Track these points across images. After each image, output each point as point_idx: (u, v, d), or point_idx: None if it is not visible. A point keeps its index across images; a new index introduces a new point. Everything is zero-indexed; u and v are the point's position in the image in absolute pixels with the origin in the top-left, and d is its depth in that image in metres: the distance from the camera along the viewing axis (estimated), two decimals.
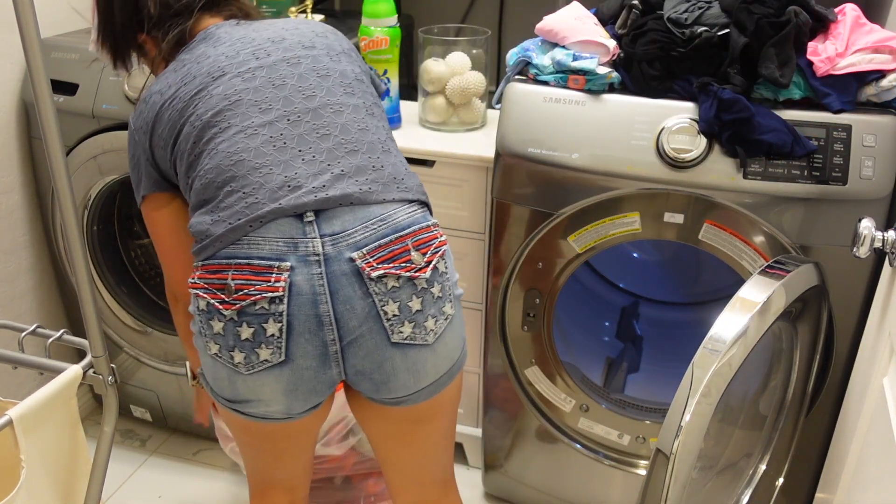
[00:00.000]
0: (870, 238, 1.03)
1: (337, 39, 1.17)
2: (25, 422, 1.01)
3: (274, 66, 1.05)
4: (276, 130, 1.01)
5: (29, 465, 1.02)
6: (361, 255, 0.97)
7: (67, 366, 1.11)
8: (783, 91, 1.34)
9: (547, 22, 1.49)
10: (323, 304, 0.96)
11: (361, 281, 0.97)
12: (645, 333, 1.94)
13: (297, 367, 0.99)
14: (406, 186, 1.05)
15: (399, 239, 1.00)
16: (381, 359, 1.01)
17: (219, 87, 1.04)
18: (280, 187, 0.97)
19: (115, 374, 1.14)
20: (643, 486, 1.09)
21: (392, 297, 0.98)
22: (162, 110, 1.06)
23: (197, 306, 1.00)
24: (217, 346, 0.99)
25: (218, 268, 0.98)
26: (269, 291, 0.95)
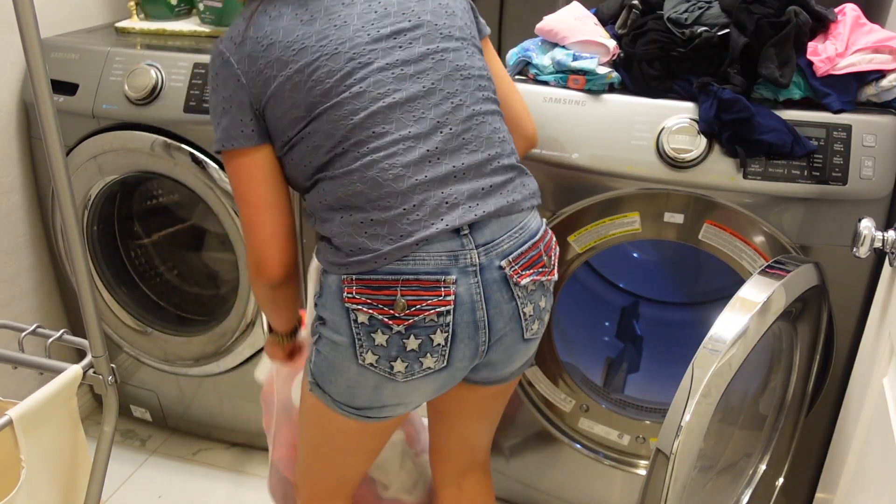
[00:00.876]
0: (870, 238, 1.03)
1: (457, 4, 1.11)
2: (25, 422, 1.01)
3: (420, 63, 1.02)
4: (432, 144, 1.01)
5: (29, 465, 1.02)
6: (508, 263, 1.04)
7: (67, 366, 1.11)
8: (783, 91, 1.34)
9: (547, 22, 1.49)
10: (479, 311, 1.03)
11: (508, 286, 1.04)
12: (645, 333, 1.94)
13: (454, 370, 1.06)
14: (532, 192, 1.11)
15: (534, 245, 1.08)
16: (513, 352, 1.11)
17: (367, 81, 0.99)
18: (439, 204, 1.00)
19: (116, 374, 1.14)
20: (643, 486, 1.09)
21: (529, 299, 1.08)
22: (289, 67, 0.99)
23: (354, 319, 1.01)
24: (376, 356, 1.02)
25: (384, 283, 1.00)
26: (440, 305, 1.00)
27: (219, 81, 1.04)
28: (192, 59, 1.66)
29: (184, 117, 1.62)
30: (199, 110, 1.62)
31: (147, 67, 1.65)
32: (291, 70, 0.99)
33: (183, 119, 1.62)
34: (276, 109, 1.01)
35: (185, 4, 1.92)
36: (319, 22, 1.00)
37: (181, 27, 1.84)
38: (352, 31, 1.00)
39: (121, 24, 1.87)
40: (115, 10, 2.01)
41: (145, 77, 1.64)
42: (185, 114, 1.62)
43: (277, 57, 0.99)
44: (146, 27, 1.85)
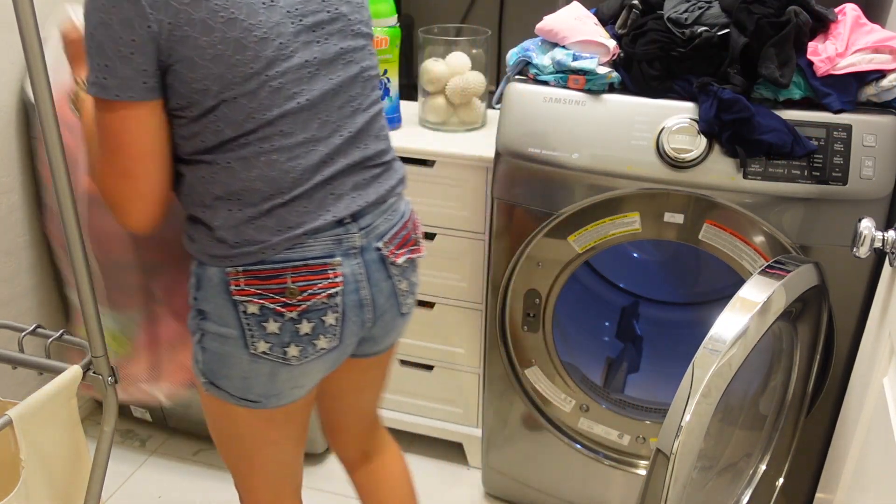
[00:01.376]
0: (870, 238, 1.03)
1: None
2: (25, 422, 1.01)
3: (332, 64, 1.02)
4: (331, 146, 1.03)
5: (29, 465, 1.02)
6: (385, 244, 1.10)
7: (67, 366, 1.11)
8: (783, 91, 1.34)
9: (547, 22, 1.49)
10: (363, 290, 1.08)
11: (385, 265, 1.10)
12: (645, 333, 1.94)
13: (345, 347, 1.11)
14: (401, 178, 1.16)
15: (404, 226, 1.14)
16: (392, 327, 1.18)
17: (287, 77, 0.96)
18: (326, 197, 1.03)
19: (116, 374, 1.14)
20: (643, 486, 1.09)
21: (404, 276, 1.15)
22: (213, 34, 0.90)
23: (244, 311, 1.01)
24: (269, 344, 1.03)
25: (273, 272, 1.01)
26: (330, 287, 1.04)
27: (116, 17, 0.88)
28: None
29: None
30: None
31: None
32: (216, 38, 0.90)
33: None
34: (186, 74, 0.91)
35: None
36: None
37: None
38: (279, 16, 0.94)
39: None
40: None
41: None
42: None
43: (203, 18, 0.89)
44: None
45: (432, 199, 1.71)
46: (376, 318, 1.12)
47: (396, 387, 1.97)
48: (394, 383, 1.97)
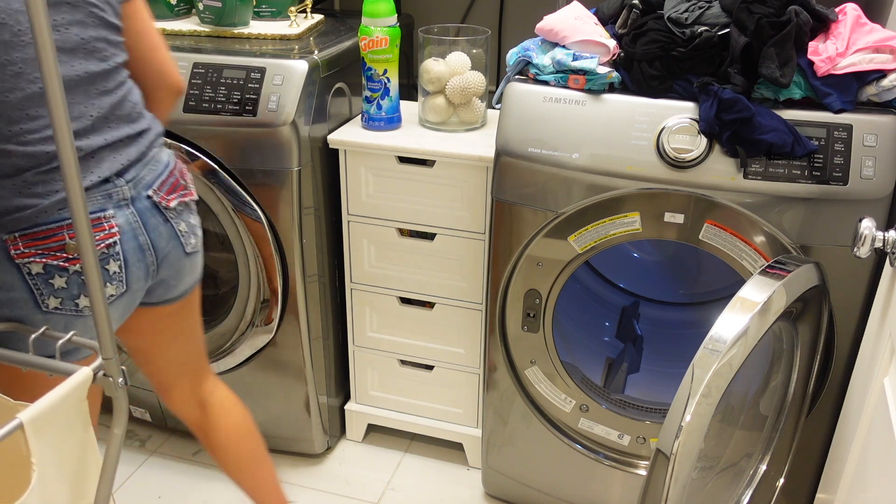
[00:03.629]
0: (870, 238, 1.03)
1: None
2: (36, 424, 1.01)
3: (73, 54, 1.07)
4: (82, 125, 1.10)
5: (40, 467, 1.01)
6: (154, 191, 1.19)
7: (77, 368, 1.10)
8: (784, 91, 1.34)
9: (547, 22, 1.49)
10: (141, 236, 1.17)
11: (160, 210, 1.20)
12: (645, 333, 1.94)
13: (133, 292, 1.20)
14: (158, 133, 1.24)
15: (171, 173, 1.24)
16: (179, 267, 1.26)
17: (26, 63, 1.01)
18: (88, 162, 1.11)
19: (126, 377, 1.14)
20: (643, 487, 1.09)
21: (181, 218, 1.24)
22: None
23: (28, 272, 1.08)
24: (58, 299, 1.11)
25: (48, 232, 1.08)
26: (108, 238, 1.13)
27: None
28: (191, 58, 1.66)
29: (183, 117, 1.62)
30: (198, 110, 1.62)
31: None
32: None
33: (182, 119, 1.62)
34: None
35: (184, 4, 1.92)
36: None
37: (181, 27, 1.84)
38: (18, 4, 1.00)
39: None
40: None
41: None
42: (185, 114, 1.62)
43: None
44: None
45: (432, 199, 1.70)
46: (159, 261, 1.21)
47: (396, 387, 1.97)
48: (394, 383, 1.97)
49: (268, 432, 1.94)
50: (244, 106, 1.61)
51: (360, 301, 1.88)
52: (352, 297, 1.89)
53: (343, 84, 1.77)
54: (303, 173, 1.65)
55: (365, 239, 1.81)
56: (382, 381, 1.97)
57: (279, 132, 1.60)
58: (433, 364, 1.90)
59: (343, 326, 1.94)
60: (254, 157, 1.63)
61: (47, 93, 0.97)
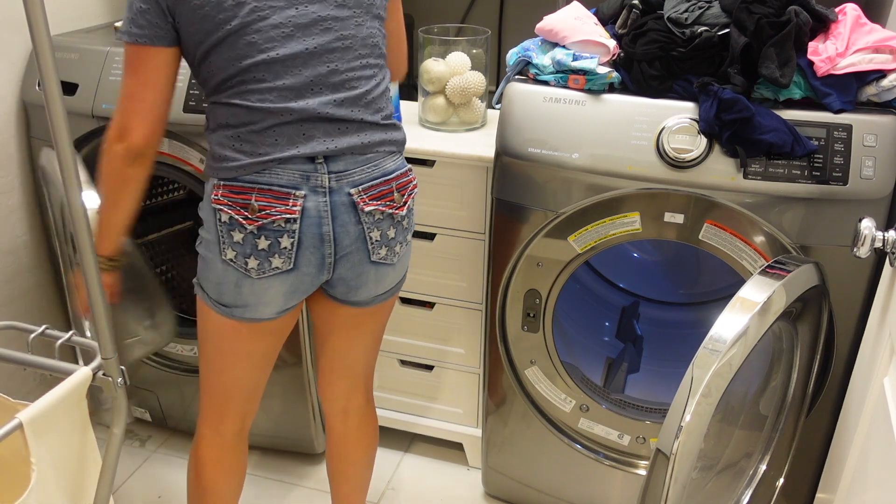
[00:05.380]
0: (870, 238, 1.03)
1: None
2: (36, 424, 1.01)
3: (308, 28, 1.18)
4: (302, 96, 1.19)
5: (39, 467, 1.01)
6: (357, 192, 1.22)
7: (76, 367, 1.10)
8: (783, 91, 1.34)
9: (547, 22, 1.49)
10: (326, 226, 1.21)
11: (355, 211, 1.22)
12: (645, 333, 1.94)
13: (301, 274, 1.23)
14: (392, 140, 1.27)
15: (386, 182, 1.25)
16: (361, 271, 1.28)
17: (260, 35, 1.16)
18: (297, 136, 1.19)
19: (125, 377, 1.14)
20: (643, 487, 1.09)
21: (377, 226, 1.25)
22: None
23: (218, 218, 1.19)
24: (234, 252, 1.20)
25: (242, 189, 1.18)
26: (287, 213, 1.18)
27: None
28: None
29: (183, 117, 1.62)
30: (198, 110, 1.62)
31: None
32: (202, 1, 1.14)
33: (182, 119, 1.62)
34: (186, 29, 1.17)
35: None
36: None
37: None
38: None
39: (120, 23, 1.87)
40: (114, 9, 2.01)
41: None
42: (185, 114, 1.62)
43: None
44: None
45: (432, 199, 1.70)
46: (338, 257, 1.23)
47: (396, 387, 1.97)
48: (394, 383, 1.97)
49: (268, 432, 1.94)
50: None
51: None
52: None
53: None
54: None
55: None
56: (382, 382, 1.97)
57: None
58: (433, 364, 1.90)
59: None
60: None
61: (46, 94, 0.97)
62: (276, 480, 1.93)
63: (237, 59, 1.17)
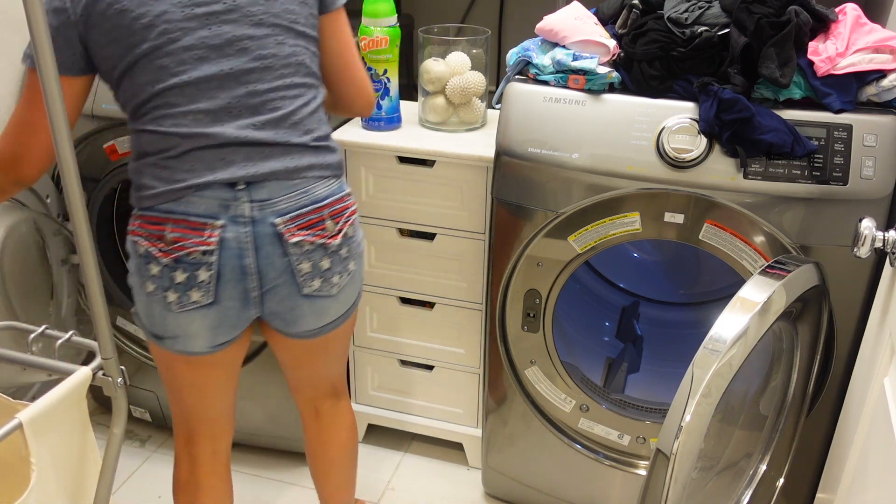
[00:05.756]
0: (870, 238, 1.03)
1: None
2: (36, 425, 1.01)
3: (222, 49, 1.12)
4: (219, 119, 1.13)
5: (39, 467, 1.01)
6: (283, 221, 1.15)
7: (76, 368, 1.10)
8: (783, 91, 1.34)
9: (547, 22, 1.49)
10: (248, 258, 1.15)
11: (281, 242, 1.15)
12: (645, 333, 1.94)
13: (223, 308, 1.18)
14: (325, 164, 1.20)
15: (317, 209, 1.18)
16: (293, 305, 1.21)
17: (171, 58, 1.10)
18: (215, 161, 1.13)
19: (125, 377, 1.14)
20: (643, 487, 1.09)
21: (306, 258, 1.18)
22: (108, 21, 1.10)
23: (136, 251, 1.15)
24: (154, 286, 1.16)
25: (157, 219, 1.13)
26: (202, 245, 1.12)
27: (49, 8, 1.11)
28: None
29: None
30: None
31: None
32: (109, 25, 1.10)
33: None
34: (99, 54, 1.13)
35: None
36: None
37: None
38: (166, 6, 1.10)
39: None
40: None
41: None
42: None
43: (102, 10, 1.09)
44: None
45: (432, 199, 1.70)
46: (264, 290, 1.18)
47: (396, 387, 1.97)
48: (394, 383, 1.97)
49: (268, 432, 1.94)
50: None
51: (361, 301, 1.88)
52: None
53: None
54: None
55: (365, 239, 1.80)
56: (382, 381, 1.97)
57: None
58: (433, 364, 1.90)
59: None
60: None
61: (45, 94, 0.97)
62: (273, 480, 1.93)
63: (149, 84, 1.11)
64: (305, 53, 1.19)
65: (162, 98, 1.12)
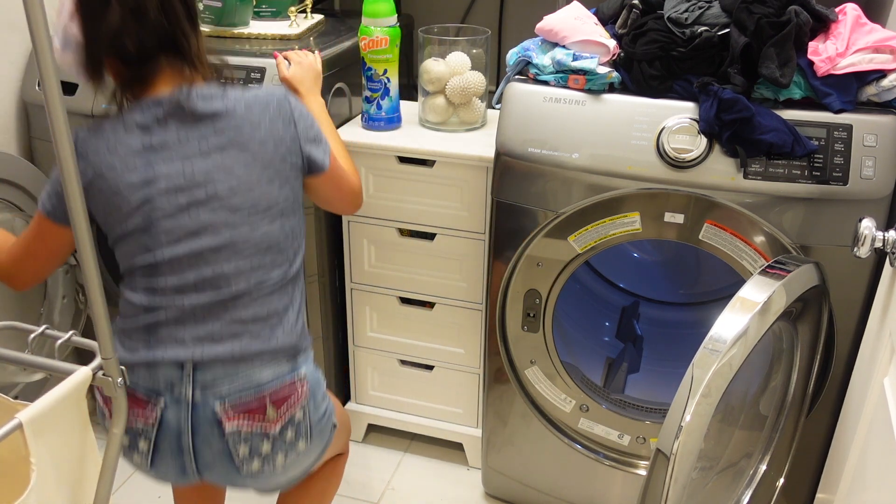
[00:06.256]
0: (870, 238, 1.03)
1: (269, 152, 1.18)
2: (35, 424, 1.01)
3: (198, 235, 1.16)
4: (183, 298, 1.16)
5: (39, 467, 1.01)
6: (222, 406, 1.15)
7: (77, 367, 1.10)
8: (783, 91, 1.34)
9: (547, 22, 1.49)
10: (185, 437, 1.16)
11: (219, 426, 1.16)
12: (645, 333, 1.94)
13: (161, 474, 1.23)
14: (273, 349, 1.18)
15: (259, 396, 1.16)
16: (231, 481, 1.23)
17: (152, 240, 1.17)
18: (168, 339, 1.16)
19: (125, 377, 1.14)
20: (643, 487, 1.09)
21: (244, 442, 1.17)
22: (106, 188, 1.16)
23: (95, 396, 1.21)
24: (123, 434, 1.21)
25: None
26: (141, 420, 1.17)
27: None
28: None
29: None
30: None
31: None
32: (105, 201, 1.17)
33: None
34: (96, 217, 1.19)
35: None
36: (140, 171, 1.15)
37: None
38: (156, 191, 1.15)
39: None
40: None
41: None
42: None
43: (100, 187, 1.16)
44: None
45: (432, 199, 1.70)
46: (200, 467, 1.19)
47: (396, 387, 1.97)
48: (394, 383, 1.97)
49: None
50: None
51: (360, 301, 1.88)
52: (352, 297, 1.89)
53: (343, 84, 1.77)
54: None
55: (365, 239, 1.81)
56: (382, 381, 1.97)
57: None
58: (433, 364, 1.90)
59: (343, 326, 1.94)
60: None
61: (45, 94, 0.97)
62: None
63: (130, 257, 1.19)
64: (279, 235, 1.21)
65: (139, 271, 1.18)
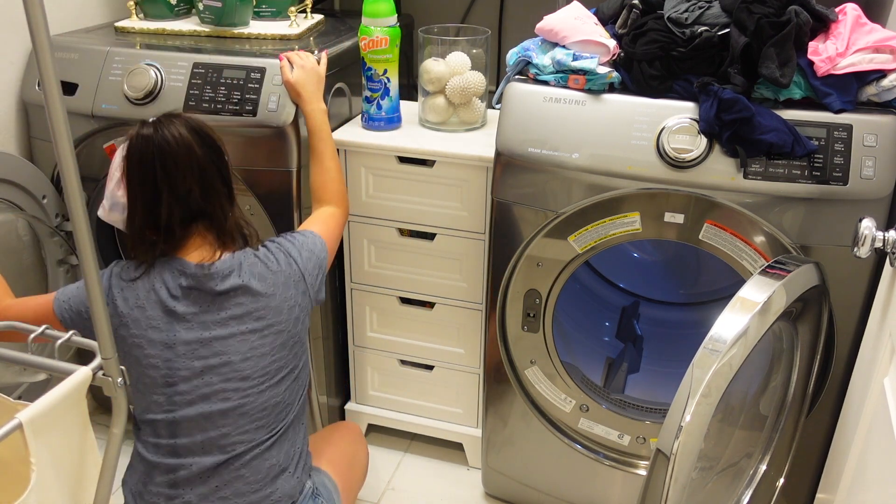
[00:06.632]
0: (870, 238, 1.03)
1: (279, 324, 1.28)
2: (35, 424, 1.01)
3: (208, 400, 1.24)
4: (192, 459, 1.25)
5: (39, 467, 1.01)
6: None
7: (76, 367, 1.10)
8: (783, 91, 1.34)
9: (547, 22, 1.49)
10: None
11: None
12: (645, 333, 1.94)
13: None
14: (281, 495, 1.29)
15: None
16: None
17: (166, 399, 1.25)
18: (174, 496, 1.25)
19: (125, 377, 1.14)
20: (643, 487, 1.09)
21: None
22: (130, 340, 1.25)
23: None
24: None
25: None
26: None
27: None
28: (191, 58, 1.66)
29: None
30: (198, 110, 1.62)
31: (146, 67, 1.65)
32: (126, 349, 1.25)
33: None
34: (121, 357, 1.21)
35: (184, 4, 1.92)
36: (163, 332, 1.24)
37: (181, 27, 1.84)
38: (173, 355, 1.23)
39: (120, 23, 1.87)
40: (114, 9, 2.01)
41: (145, 77, 1.64)
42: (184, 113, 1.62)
43: (124, 337, 1.25)
44: (145, 27, 1.85)
45: (432, 199, 1.70)
46: None
47: (396, 387, 1.97)
48: (394, 383, 1.97)
49: None
50: (244, 106, 1.61)
51: (360, 301, 1.88)
52: (352, 297, 1.89)
53: (343, 84, 1.77)
54: (302, 174, 1.65)
55: (365, 239, 1.80)
56: (382, 381, 1.97)
57: (279, 132, 1.60)
58: (433, 364, 1.90)
59: (343, 326, 1.94)
60: (253, 158, 1.63)
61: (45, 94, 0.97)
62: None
63: (144, 411, 1.27)
64: (285, 393, 1.30)
65: (150, 426, 1.27)
